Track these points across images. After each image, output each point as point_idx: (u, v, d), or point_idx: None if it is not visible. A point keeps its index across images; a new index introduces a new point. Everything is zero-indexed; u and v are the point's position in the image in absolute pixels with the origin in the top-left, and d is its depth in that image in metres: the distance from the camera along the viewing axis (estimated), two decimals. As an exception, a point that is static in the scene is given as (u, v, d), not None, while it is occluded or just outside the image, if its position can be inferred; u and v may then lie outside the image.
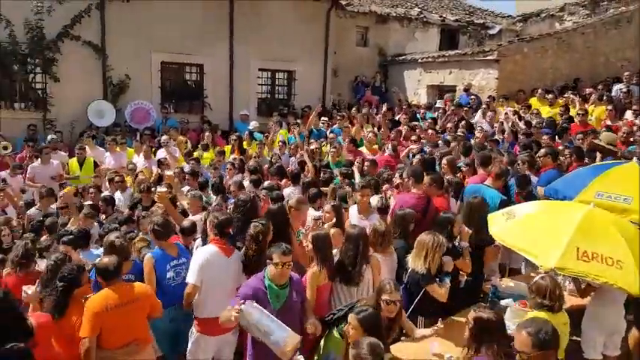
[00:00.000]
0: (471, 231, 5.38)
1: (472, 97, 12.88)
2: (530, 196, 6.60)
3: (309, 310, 4.39)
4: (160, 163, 9.56)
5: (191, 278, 4.62)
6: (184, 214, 6.76)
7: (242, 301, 3.86)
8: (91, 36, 13.41)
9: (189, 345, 4.81)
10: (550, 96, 11.82)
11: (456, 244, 5.21)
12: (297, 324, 4.15)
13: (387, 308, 4.01)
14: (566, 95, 11.83)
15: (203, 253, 4.73)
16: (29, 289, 4.36)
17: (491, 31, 18.67)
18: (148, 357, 4.39)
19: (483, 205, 5.71)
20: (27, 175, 9.59)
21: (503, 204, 5.94)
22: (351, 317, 3.71)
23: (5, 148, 10.39)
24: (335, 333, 4.14)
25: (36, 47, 12.92)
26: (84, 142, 11.01)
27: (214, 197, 7.68)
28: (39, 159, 9.85)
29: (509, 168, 7.32)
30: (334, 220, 5.63)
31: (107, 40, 13.56)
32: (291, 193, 7.34)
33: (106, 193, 8.23)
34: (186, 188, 8.15)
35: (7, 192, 8.14)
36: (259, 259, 4.55)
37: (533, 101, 12.10)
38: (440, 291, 4.69)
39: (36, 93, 13.59)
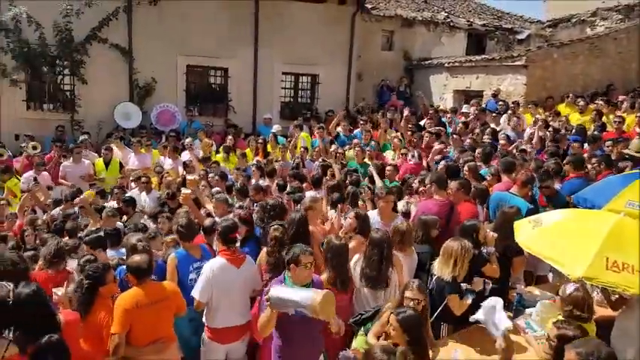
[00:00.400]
0: (496, 235, 5.28)
1: (500, 102, 12.59)
2: (555, 195, 6.49)
3: None
4: (186, 166, 9.61)
5: (196, 294, 4.64)
6: (210, 217, 6.77)
7: (267, 289, 3.78)
8: (118, 39, 13.60)
9: (202, 347, 4.88)
10: (581, 103, 11.48)
11: (483, 250, 5.11)
12: (320, 323, 4.10)
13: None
14: (596, 102, 11.54)
15: (210, 267, 4.71)
16: (59, 291, 4.42)
17: (519, 36, 18.36)
18: (173, 356, 4.44)
19: (517, 215, 5.52)
20: (59, 174, 9.80)
21: (530, 213, 5.76)
22: (391, 318, 3.67)
23: (35, 148, 10.63)
24: (361, 331, 4.17)
25: (64, 49, 13.13)
26: (111, 143, 11.14)
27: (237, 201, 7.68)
28: (70, 158, 10.04)
29: (535, 175, 7.17)
30: (354, 228, 5.42)
31: (134, 43, 13.73)
32: (312, 196, 7.27)
33: (128, 194, 8.30)
34: (215, 189, 8.09)
35: (34, 192, 8.27)
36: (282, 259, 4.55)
37: (561, 107, 11.86)
38: (458, 304, 4.59)
39: (64, 94, 13.81)
